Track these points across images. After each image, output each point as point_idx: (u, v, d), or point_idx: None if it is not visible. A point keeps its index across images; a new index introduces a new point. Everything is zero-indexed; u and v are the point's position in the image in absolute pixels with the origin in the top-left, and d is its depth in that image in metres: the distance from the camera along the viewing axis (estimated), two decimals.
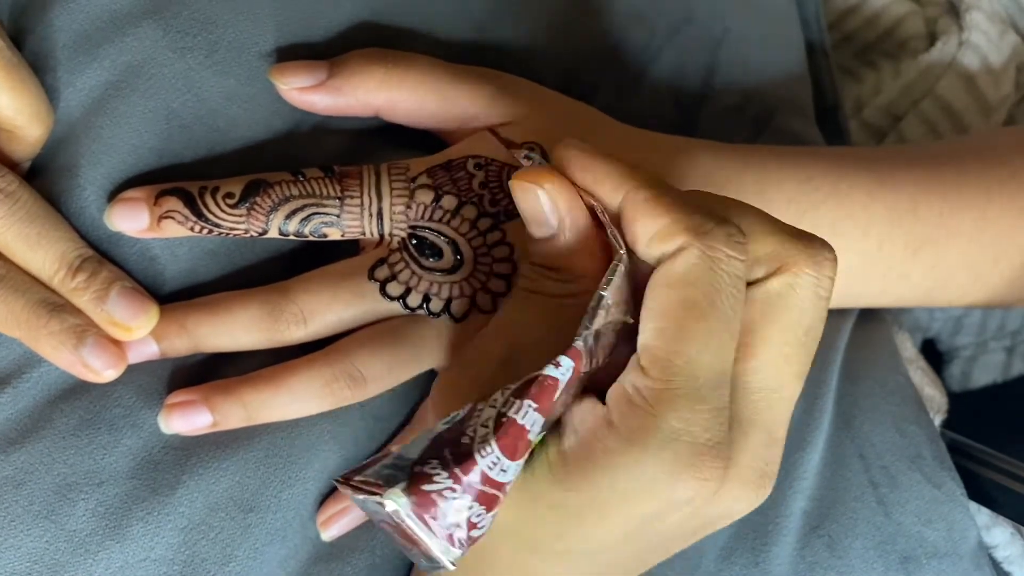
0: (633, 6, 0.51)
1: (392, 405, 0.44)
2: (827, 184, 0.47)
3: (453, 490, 0.31)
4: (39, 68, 0.41)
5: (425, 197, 0.42)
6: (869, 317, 0.55)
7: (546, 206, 0.37)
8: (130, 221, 0.41)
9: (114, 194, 0.42)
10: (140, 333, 0.40)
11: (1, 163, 0.40)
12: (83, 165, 0.41)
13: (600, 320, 0.34)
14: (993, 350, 0.65)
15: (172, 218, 0.41)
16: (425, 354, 0.42)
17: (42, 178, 0.42)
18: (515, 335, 0.37)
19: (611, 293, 0.35)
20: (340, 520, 0.42)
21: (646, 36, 0.51)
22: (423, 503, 0.31)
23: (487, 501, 0.32)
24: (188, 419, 0.41)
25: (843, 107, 0.62)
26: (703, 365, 0.33)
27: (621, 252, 0.35)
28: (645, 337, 0.34)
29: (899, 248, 0.48)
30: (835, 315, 0.53)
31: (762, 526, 0.47)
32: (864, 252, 0.48)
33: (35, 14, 0.42)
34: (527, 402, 0.33)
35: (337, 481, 0.33)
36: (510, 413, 0.32)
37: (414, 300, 0.42)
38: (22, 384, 0.41)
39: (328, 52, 0.44)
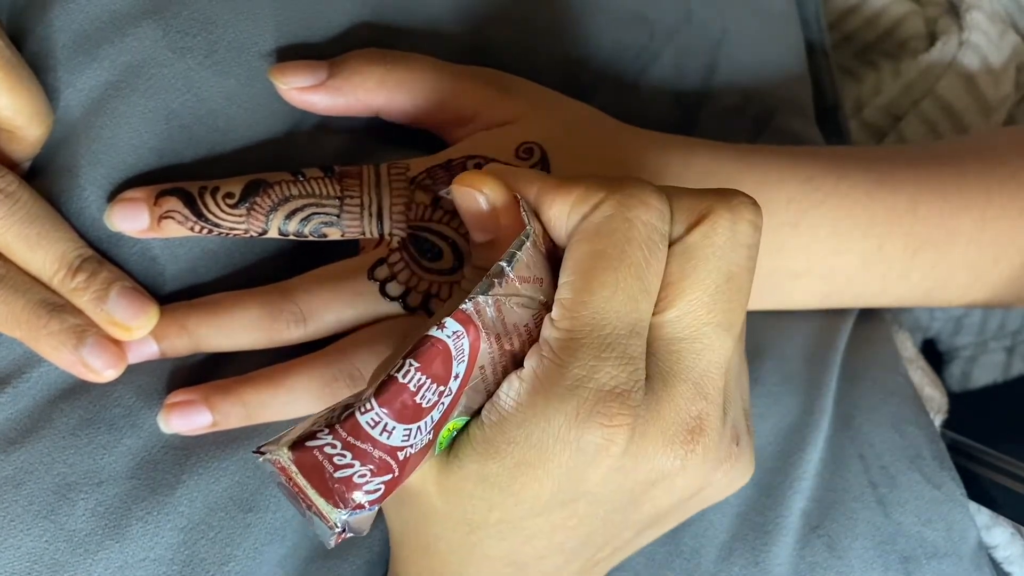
0: (633, 6, 0.51)
1: None
2: (827, 184, 0.47)
3: (333, 445, 0.32)
4: (39, 68, 0.41)
5: (425, 197, 0.42)
6: (869, 317, 0.55)
7: (484, 209, 0.37)
8: (130, 221, 0.41)
9: (114, 194, 0.42)
10: (140, 333, 0.40)
11: (1, 163, 0.40)
12: (83, 165, 0.41)
13: (496, 289, 0.34)
14: (993, 350, 0.65)
15: (172, 218, 0.41)
16: None
17: (42, 178, 0.42)
18: None
19: (513, 267, 0.34)
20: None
21: (646, 36, 0.51)
22: (304, 457, 0.32)
23: (373, 463, 0.32)
24: (188, 419, 0.41)
25: (843, 107, 0.62)
26: (610, 314, 0.34)
27: (528, 228, 0.35)
28: (559, 292, 0.34)
29: (899, 248, 0.48)
30: (835, 315, 0.53)
31: (761, 526, 0.47)
32: (864, 252, 0.48)
33: (35, 14, 0.42)
34: (409, 360, 0.33)
35: (252, 452, 0.34)
36: (393, 372, 0.33)
37: (414, 300, 0.42)
38: (22, 384, 0.41)
39: (328, 52, 0.44)
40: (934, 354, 0.66)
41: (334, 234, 0.42)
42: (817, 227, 0.47)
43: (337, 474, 0.32)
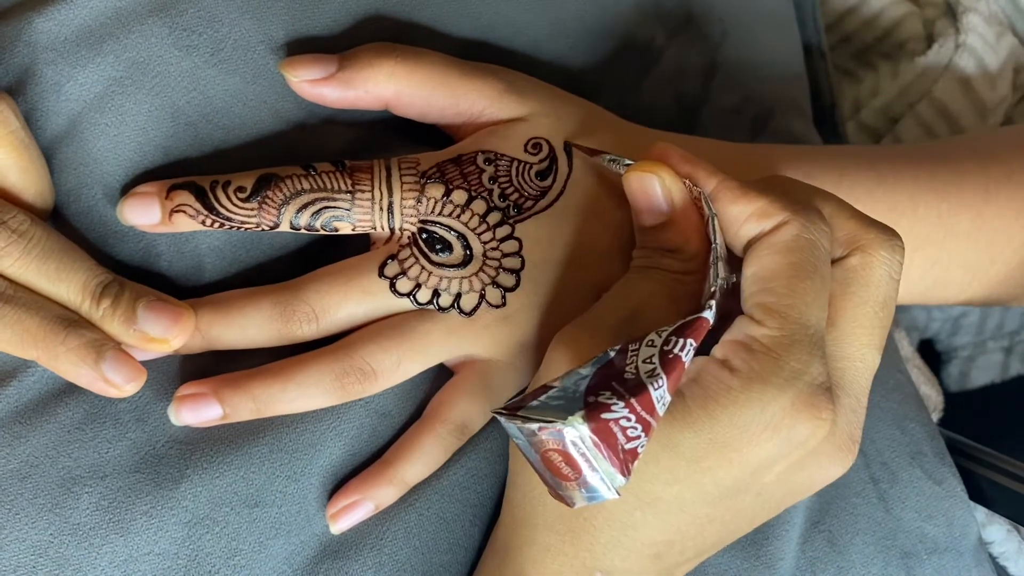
0: (635, 7, 0.51)
1: (397, 401, 0.44)
2: (828, 182, 0.48)
3: (628, 419, 0.33)
4: (40, 61, 0.41)
5: (436, 191, 0.42)
6: None
7: (660, 193, 0.40)
8: (142, 216, 0.41)
9: (121, 192, 0.42)
10: (179, 342, 0.41)
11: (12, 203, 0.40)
12: (90, 163, 0.42)
13: (722, 269, 0.38)
14: (991, 350, 0.65)
15: (184, 212, 0.41)
16: (434, 349, 0.42)
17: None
18: (637, 300, 0.40)
19: (720, 244, 0.38)
20: (351, 513, 0.42)
21: (647, 37, 0.52)
22: (602, 430, 0.33)
23: (648, 432, 0.33)
24: (198, 411, 0.41)
25: (840, 108, 0.62)
26: (812, 318, 0.37)
27: (714, 212, 0.39)
28: (756, 296, 0.37)
29: None
30: None
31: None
32: None
33: (37, 6, 0.42)
34: (690, 341, 0.35)
35: (497, 412, 0.34)
36: (675, 351, 0.34)
37: (423, 296, 0.42)
38: (27, 378, 0.41)
39: (333, 50, 0.44)
40: (932, 354, 0.67)
41: (345, 228, 0.42)
42: None
43: (628, 445, 0.33)
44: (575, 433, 0.32)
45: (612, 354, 0.35)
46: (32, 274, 0.39)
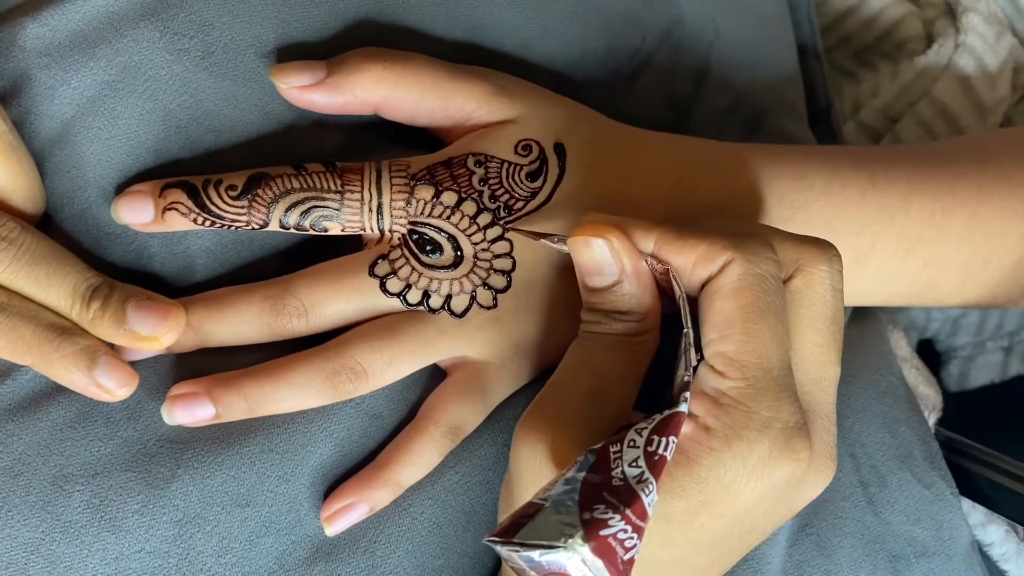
0: (626, 8, 0.51)
1: (388, 403, 0.44)
2: (820, 182, 0.47)
3: (625, 530, 0.32)
4: (34, 66, 0.42)
5: (425, 193, 0.43)
6: (862, 316, 0.55)
7: (609, 256, 0.39)
8: (136, 214, 0.41)
9: (115, 195, 0.42)
10: (170, 339, 0.41)
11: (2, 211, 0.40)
12: (83, 166, 0.42)
13: (693, 357, 0.37)
14: (991, 350, 0.65)
15: (176, 210, 0.41)
16: (425, 349, 0.43)
17: (42, 179, 0.42)
18: (596, 371, 0.39)
19: (691, 329, 0.37)
20: (346, 516, 0.42)
21: (638, 38, 0.52)
22: (603, 548, 0.32)
23: (641, 536, 0.33)
24: (190, 411, 0.41)
25: (836, 108, 0.62)
26: (773, 358, 0.36)
27: (684, 292, 0.38)
28: (715, 345, 0.37)
29: (891, 247, 0.49)
30: None
31: None
32: (857, 250, 0.48)
33: (30, 11, 0.42)
34: (672, 439, 0.34)
35: (491, 540, 0.33)
36: (660, 451, 0.34)
37: (413, 297, 0.42)
38: (20, 376, 0.41)
39: (324, 54, 0.44)
40: (932, 354, 0.66)
41: (334, 228, 0.42)
42: (810, 225, 0.47)
43: (626, 556, 0.32)
44: (578, 557, 0.31)
45: (592, 458, 0.34)
46: (22, 280, 0.39)
